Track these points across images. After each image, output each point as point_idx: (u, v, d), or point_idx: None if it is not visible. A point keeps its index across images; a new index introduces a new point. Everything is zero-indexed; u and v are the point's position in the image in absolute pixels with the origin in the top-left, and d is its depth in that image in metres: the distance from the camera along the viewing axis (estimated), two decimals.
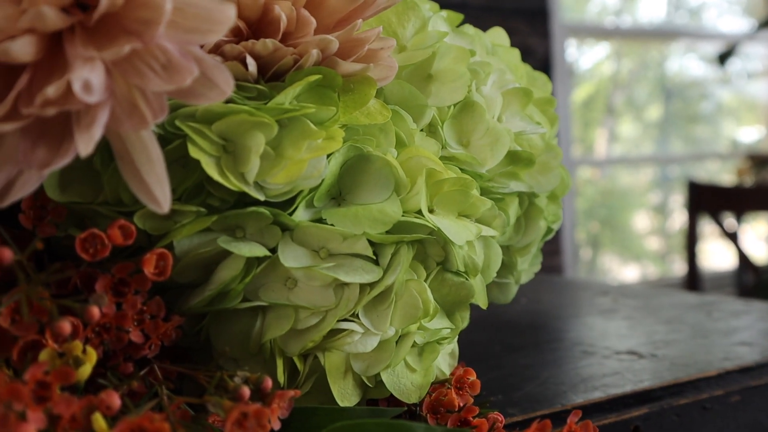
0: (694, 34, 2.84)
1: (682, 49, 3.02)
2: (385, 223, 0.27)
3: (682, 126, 3.13)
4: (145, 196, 0.21)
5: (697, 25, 2.98)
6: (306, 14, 0.26)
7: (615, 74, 3.10)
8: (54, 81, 0.19)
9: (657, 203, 3.17)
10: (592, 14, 2.98)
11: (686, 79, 3.13)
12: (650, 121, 3.15)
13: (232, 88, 0.20)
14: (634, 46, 3.03)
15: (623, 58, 3.11)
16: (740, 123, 3.16)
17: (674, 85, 3.11)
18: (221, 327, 0.27)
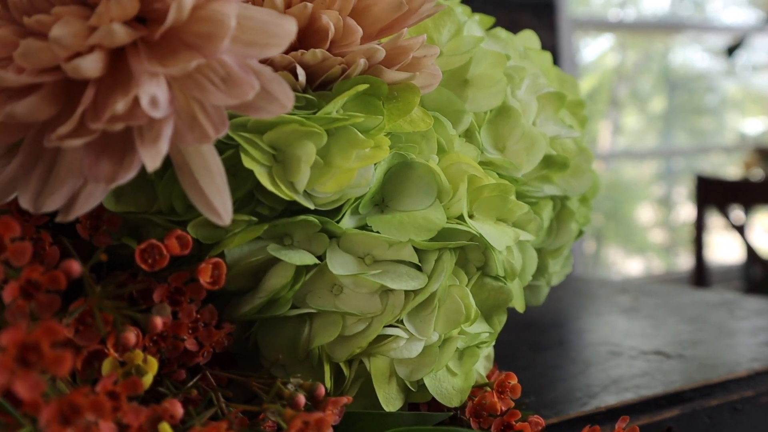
0: (702, 27, 2.83)
1: (687, 41, 3.02)
2: (429, 230, 0.27)
3: (687, 118, 3.13)
4: (205, 208, 0.21)
5: (703, 17, 2.97)
6: (352, 23, 0.26)
7: (619, 66, 3.09)
8: (119, 96, 0.20)
9: (661, 196, 3.17)
10: (597, 6, 2.97)
11: (691, 71, 3.12)
12: (654, 113, 3.14)
13: (293, 102, 0.21)
14: (639, 38, 3.02)
15: (627, 49, 3.10)
16: (745, 115, 3.15)
17: (678, 77, 3.11)
18: (269, 334, 0.27)
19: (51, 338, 0.16)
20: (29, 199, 0.20)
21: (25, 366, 0.16)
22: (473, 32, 0.34)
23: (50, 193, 0.21)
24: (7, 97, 0.21)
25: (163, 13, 0.20)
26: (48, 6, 0.20)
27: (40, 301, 0.19)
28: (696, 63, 3.13)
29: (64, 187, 0.21)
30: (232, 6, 0.20)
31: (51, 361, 0.16)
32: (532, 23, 1.93)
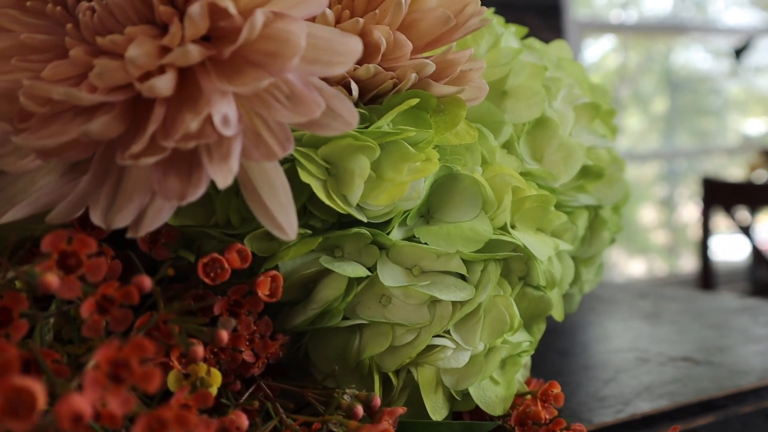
0: (706, 29, 2.83)
1: (690, 42, 3.02)
2: (477, 241, 0.28)
3: (689, 119, 3.13)
4: (270, 224, 0.22)
5: (706, 18, 2.97)
6: (402, 37, 0.27)
7: (621, 67, 3.09)
8: (187, 114, 0.20)
9: (663, 197, 3.17)
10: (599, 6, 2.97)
11: (693, 71, 3.13)
12: (656, 114, 3.15)
13: (357, 119, 0.21)
14: (642, 39, 3.03)
15: (629, 50, 3.10)
16: (748, 116, 3.16)
17: (681, 78, 3.11)
18: (320, 344, 0.27)
19: (140, 355, 0.16)
20: (100, 215, 0.21)
21: (117, 382, 0.16)
22: (510, 43, 0.35)
23: (119, 209, 0.21)
24: (74, 115, 0.21)
25: (229, 31, 0.21)
26: (118, 25, 0.21)
27: (114, 316, 0.20)
28: (698, 64, 3.14)
29: (132, 203, 0.21)
30: (299, 25, 0.20)
31: (140, 377, 0.16)
32: (538, 25, 1.94)
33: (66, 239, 0.19)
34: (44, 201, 0.21)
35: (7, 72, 0.21)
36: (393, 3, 0.26)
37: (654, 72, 3.13)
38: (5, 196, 0.23)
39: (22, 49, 0.21)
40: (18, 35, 0.21)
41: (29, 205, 0.21)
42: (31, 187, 0.23)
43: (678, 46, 3.05)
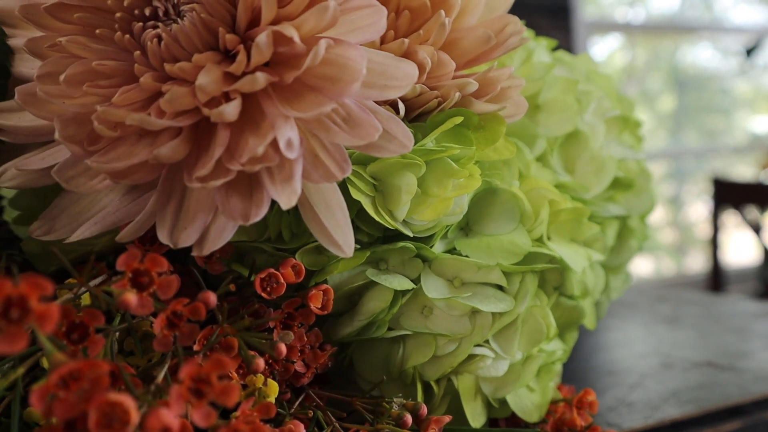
0: (716, 28, 2.83)
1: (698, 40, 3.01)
2: (516, 254, 0.28)
3: (697, 117, 3.13)
4: (327, 241, 0.23)
5: (714, 16, 2.97)
6: (446, 57, 0.27)
7: (628, 65, 3.09)
8: (250, 137, 0.21)
9: (671, 195, 3.17)
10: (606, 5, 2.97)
11: (700, 69, 3.12)
12: (664, 112, 3.15)
13: (413, 142, 0.22)
14: (650, 38, 3.02)
15: (636, 48, 3.10)
16: (756, 114, 3.15)
17: (688, 76, 3.11)
18: (365, 354, 0.28)
19: (219, 371, 0.17)
20: (166, 234, 0.22)
21: (199, 397, 0.17)
22: (542, 58, 0.35)
23: (184, 227, 0.22)
24: (139, 137, 0.22)
25: (289, 57, 0.21)
26: (183, 52, 0.22)
27: (182, 331, 0.21)
28: (706, 62, 3.13)
29: (196, 222, 0.22)
30: (359, 51, 0.21)
31: (220, 391, 0.17)
32: (546, 25, 1.94)
33: (139, 258, 0.20)
34: (111, 219, 0.22)
35: (77, 97, 0.21)
36: (437, 24, 0.27)
37: (661, 70, 3.12)
38: (70, 213, 0.24)
39: (92, 75, 0.22)
40: (88, 61, 0.22)
41: (97, 223, 0.22)
42: (95, 205, 0.23)
43: (686, 43, 3.05)
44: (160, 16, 0.22)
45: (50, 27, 0.22)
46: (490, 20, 0.29)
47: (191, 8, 0.21)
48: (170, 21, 0.22)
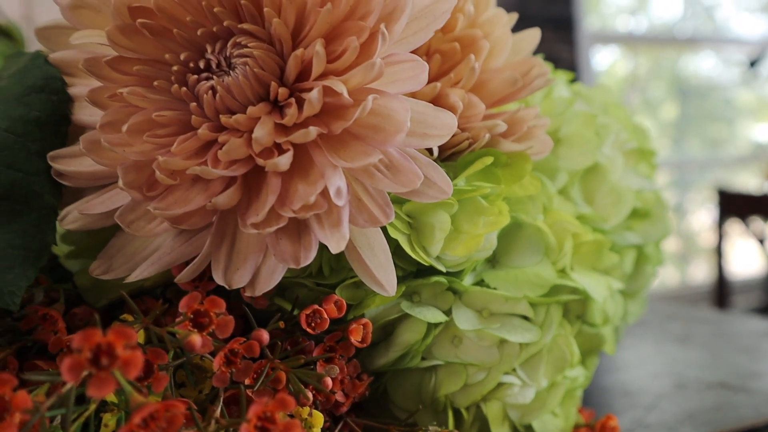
0: (718, 39, 2.85)
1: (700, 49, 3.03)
2: (542, 286, 0.30)
3: (700, 125, 3.15)
4: (370, 281, 0.24)
5: (716, 26, 2.99)
6: (475, 99, 0.29)
7: (630, 74, 3.11)
8: (300, 185, 0.22)
9: (674, 204, 3.18)
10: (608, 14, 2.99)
11: (703, 78, 3.14)
12: (666, 120, 3.16)
13: (452, 188, 0.23)
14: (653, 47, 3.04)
15: (639, 56, 3.12)
16: (758, 122, 3.16)
17: (691, 85, 3.12)
18: (398, 382, 0.29)
19: (284, 410, 0.19)
20: (221, 275, 0.23)
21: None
22: (562, 92, 0.37)
23: (236, 268, 0.23)
24: (192, 183, 0.23)
25: (336, 107, 0.23)
26: (236, 103, 0.23)
27: (238, 368, 0.22)
28: (708, 71, 3.15)
29: (248, 263, 0.23)
30: (403, 103, 0.22)
31: (284, 429, 0.18)
32: (551, 38, 1.96)
33: (199, 300, 0.22)
34: (167, 260, 0.24)
35: (137, 145, 0.23)
36: (467, 68, 0.29)
37: (664, 78, 3.14)
38: (125, 253, 0.25)
39: (150, 124, 0.23)
40: (148, 112, 0.23)
41: (154, 264, 0.24)
42: (148, 245, 0.25)
43: (688, 52, 3.07)
44: (213, 68, 0.24)
45: (110, 78, 0.24)
46: (516, 62, 0.31)
47: (244, 62, 0.23)
48: (222, 72, 0.23)
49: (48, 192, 0.23)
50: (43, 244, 0.22)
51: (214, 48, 0.24)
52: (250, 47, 0.23)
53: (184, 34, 0.24)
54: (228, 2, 0.23)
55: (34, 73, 0.25)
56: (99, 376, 0.16)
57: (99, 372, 0.16)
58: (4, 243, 0.22)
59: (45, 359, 0.24)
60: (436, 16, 0.23)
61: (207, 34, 0.24)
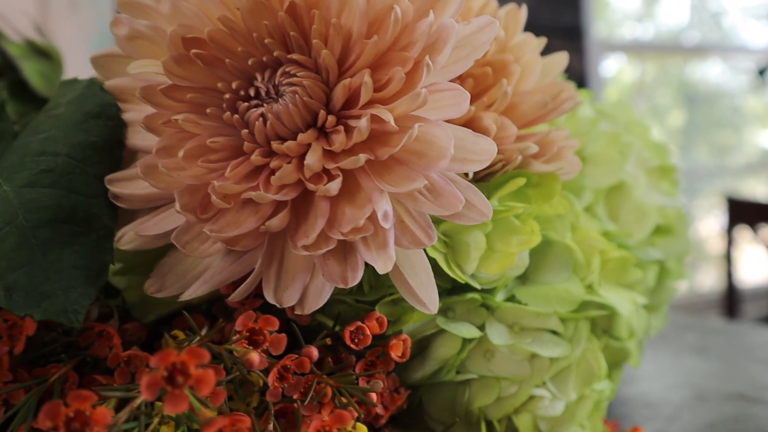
0: (726, 48, 2.86)
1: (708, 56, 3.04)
2: (571, 302, 0.31)
3: (707, 132, 3.15)
4: (412, 299, 0.25)
5: (724, 33, 2.99)
6: (508, 122, 0.30)
7: (637, 80, 3.11)
8: (348, 208, 0.23)
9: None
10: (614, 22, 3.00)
11: (710, 86, 3.15)
12: (674, 127, 3.16)
13: (491, 210, 0.24)
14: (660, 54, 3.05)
15: (646, 63, 3.13)
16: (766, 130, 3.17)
17: (698, 92, 3.13)
18: (433, 395, 0.30)
19: (341, 425, 0.20)
20: (272, 294, 0.24)
21: None
22: (585, 111, 0.38)
23: (285, 287, 0.24)
24: (242, 206, 0.24)
25: (381, 134, 0.24)
26: (285, 130, 0.24)
27: (290, 383, 0.23)
28: (716, 78, 3.16)
29: (296, 283, 0.24)
30: (445, 130, 0.23)
31: None
32: (560, 46, 1.97)
33: (253, 318, 0.23)
34: (218, 279, 0.25)
35: (190, 169, 0.24)
36: (500, 92, 0.30)
37: (671, 86, 3.15)
38: (177, 272, 0.26)
39: (204, 150, 0.24)
40: (202, 138, 0.24)
41: (206, 283, 0.25)
42: (199, 264, 0.26)
43: (695, 59, 3.07)
44: (262, 96, 0.25)
45: (164, 105, 0.25)
46: (545, 86, 0.32)
47: (293, 91, 0.24)
48: (270, 100, 0.25)
49: (106, 214, 0.24)
50: (102, 264, 0.24)
51: (263, 76, 0.25)
52: (299, 76, 0.24)
53: (235, 63, 0.25)
54: (277, 33, 0.25)
55: (91, 100, 0.26)
56: (174, 393, 0.17)
57: (174, 389, 0.17)
58: (68, 263, 0.23)
59: (101, 374, 0.25)
60: (475, 46, 0.24)
61: (257, 63, 0.25)
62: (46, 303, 0.22)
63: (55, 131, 0.25)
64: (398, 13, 0.23)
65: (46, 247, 0.23)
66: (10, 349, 0.24)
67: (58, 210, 0.23)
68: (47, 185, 0.24)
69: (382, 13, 0.24)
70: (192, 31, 0.25)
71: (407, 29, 0.24)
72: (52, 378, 0.23)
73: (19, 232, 0.22)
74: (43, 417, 0.17)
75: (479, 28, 0.24)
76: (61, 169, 0.24)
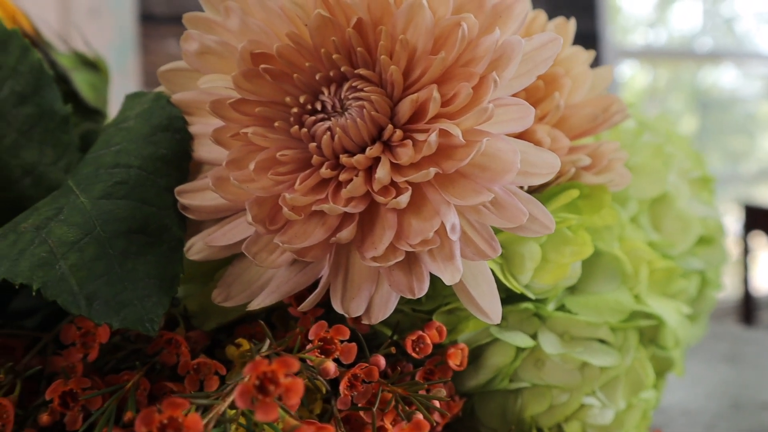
0: (741, 54, 2.86)
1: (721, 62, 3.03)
2: (621, 312, 0.31)
3: (720, 138, 3.14)
4: (475, 310, 0.25)
5: (737, 39, 2.99)
6: (560, 134, 0.30)
7: (650, 85, 3.11)
8: (414, 221, 0.24)
9: None
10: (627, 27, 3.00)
11: (723, 92, 3.14)
12: (686, 133, 3.16)
13: (554, 224, 0.25)
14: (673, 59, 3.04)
15: (658, 68, 3.12)
16: None
17: (710, 98, 3.12)
18: (485, 403, 0.31)
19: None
20: (339, 304, 0.25)
21: None
22: (628, 122, 0.38)
23: (352, 297, 0.25)
24: (308, 218, 0.25)
25: (446, 148, 0.24)
26: (352, 144, 0.25)
27: (359, 391, 0.24)
28: (729, 84, 3.15)
29: (362, 293, 0.25)
30: (509, 143, 0.24)
31: None
32: None
33: (325, 328, 0.23)
34: (285, 289, 0.25)
35: (260, 182, 0.25)
36: (553, 105, 0.30)
37: (683, 91, 3.14)
38: (242, 281, 0.27)
39: (273, 162, 0.25)
40: (271, 151, 0.25)
41: (273, 293, 0.25)
42: (263, 274, 0.27)
43: (708, 64, 3.07)
44: (328, 110, 0.25)
45: (232, 119, 0.26)
46: (596, 99, 0.32)
47: (360, 105, 0.25)
48: (335, 113, 0.25)
49: (176, 225, 0.25)
50: (174, 273, 0.24)
51: (329, 91, 0.25)
52: (366, 91, 0.25)
53: (302, 78, 0.25)
54: (344, 49, 0.25)
55: (159, 114, 0.26)
56: (265, 401, 0.18)
57: (265, 398, 0.18)
58: (143, 273, 0.23)
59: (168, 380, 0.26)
60: (537, 62, 0.25)
61: (323, 78, 0.25)
62: (124, 312, 0.23)
63: (126, 144, 0.26)
64: (465, 30, 0.24)
65: (122, 257, 0.23)
66: (84, 356, 0.25)
67: (132, 221, 0.24)
68: (122, 197, 0.24)
69: (447, 29, 0.24)
70: (260, 46, 0.25)
71: (470, 45, 0.25)
72: (128, 384, 0.24)
73: (98, 243, 0.23)
74: (139, 423, 0.18)
75: (542, 44, 0.25)
76: (134, 181, 0.25)
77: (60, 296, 0.22)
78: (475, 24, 0.24)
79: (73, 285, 0.22)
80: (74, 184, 0.24)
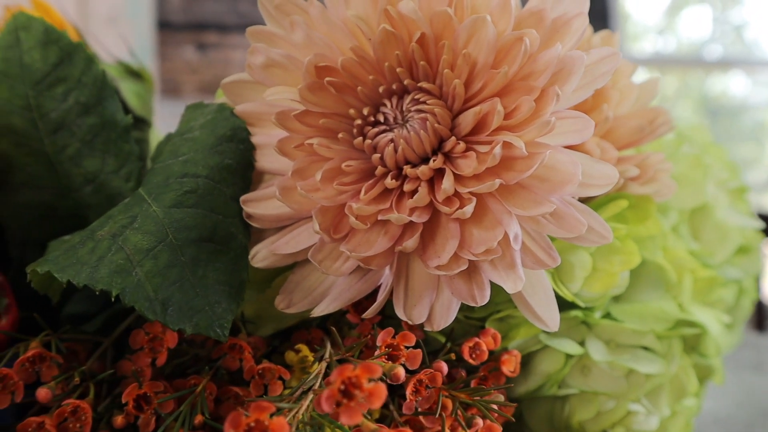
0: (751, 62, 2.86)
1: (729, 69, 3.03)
2: (666, 320, 0.32)
3: (728, 146, 3.14)
4: (532, 317, 0.26)
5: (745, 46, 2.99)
6: (608, 145, 0.31)
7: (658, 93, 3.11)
8: (476, 230, 0.25)
9: None
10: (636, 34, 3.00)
11: (732, 99, 3.14)
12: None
13: (611, 233, 0.25)
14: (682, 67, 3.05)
15: (667, 75, 3.13)
16: None
17: (719, 105, 3.13)
18: (533, 409, 0.31)
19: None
20: (402, 312, 0.25)
21: None
22: (668, 135, 0.39)
23: (413, 305, 0.25)
24: (371, 227, 0.26)
25: (509, 160, 0.25)
26: (414, 155, 0.25)
27: (423, 396, 0.24)
28: (738, 92, 3.15)
29: (423, 300, 0.25)
30: (569, 155, 0.25)
31: None
32: None
33: (391, 335, 0.24)
34: (347, 296, 0.26)
35: (325, 191, 0.25)
36: (601, 116, 0.31)
37: (692, 98, 3.15)
38: (303, 288, 0.27)
39: (337, 173, 0.25)
40: (336, 161, 0.25)
41: (336, 300, 0.26)
42: (324, 281, 0.27)
43: (717, 72, 3.07)
44: (390, 122, 0.26)
45: (296, 130, 0.26)
46: (642, 111, 0.33)
47: (423, 117, 0.25)
48: (396, 125, 0.26)
49: (241, 233, 0.26)
50: (241, 280, 0.25)
51: (392, 103, 0.26)
52: (429, 104, 0.25)
53: (365, 90, 0.26)
54: (406, 62, 0.26)
55: (223, 124, 0.27)
56: (349, 405, 0.19)
57: (349, 402, 0.19)
58: (213, 280, 0.24)
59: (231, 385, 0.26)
60: (595, 76, 0.26)
61: (386, 90, 0.26)
62: (196, 318, 0.23)
63: (193, 154, 0.26)
64: (527, 45, 0.24)
65: (193, 264, 0.24)
66: (152, 361, 0.25)
67: (201, 229, 0.25)
68: (191, 205, 0.25)
69: (509, 44, 0.25)
70: (325, 60, 0.26)
71: (530, 59, 0.25)
72: (198, 388, 0.24)
73: (171, 250, 0.24)
74: (228, 426, 0.19)
75: (601, 58, 0.25)
76: (202, 190, 0.25)
77: (137, 302, 0.23)
78: (536, 39, 0.25)
79: (149, 291, 0.23)
80: (146, 192, 0.25)
